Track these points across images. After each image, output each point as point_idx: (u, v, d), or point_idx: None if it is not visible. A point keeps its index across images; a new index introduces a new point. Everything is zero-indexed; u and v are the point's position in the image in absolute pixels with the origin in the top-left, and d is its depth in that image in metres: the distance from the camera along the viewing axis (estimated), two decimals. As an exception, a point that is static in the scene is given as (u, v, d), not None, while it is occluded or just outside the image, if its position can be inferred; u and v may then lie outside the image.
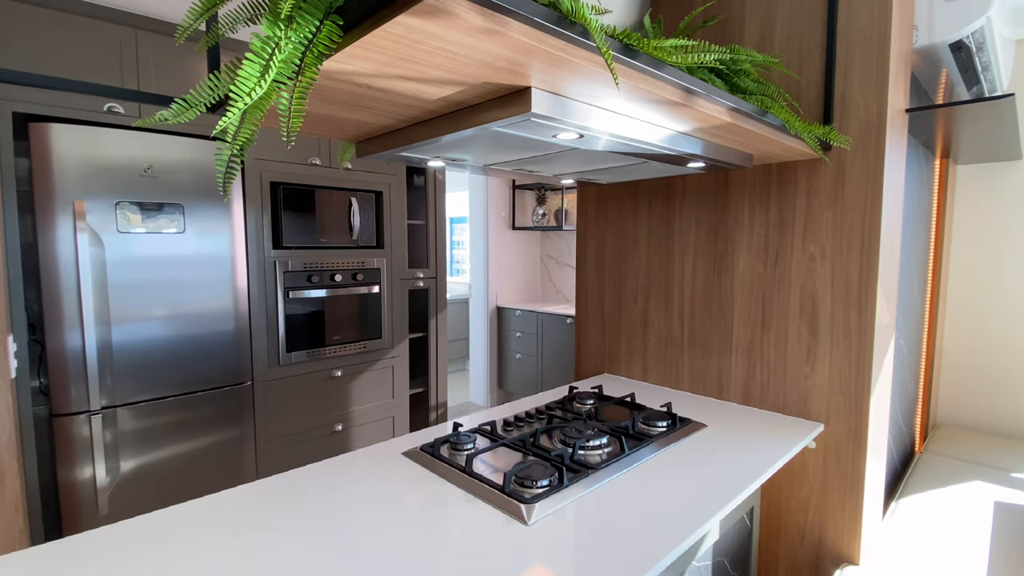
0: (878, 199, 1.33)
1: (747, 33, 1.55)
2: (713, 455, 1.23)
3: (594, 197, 2.02)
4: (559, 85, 0.80)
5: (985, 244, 2.41)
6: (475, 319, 4.08)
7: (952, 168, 2.45)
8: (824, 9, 1.40)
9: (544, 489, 1.02)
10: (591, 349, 2.05)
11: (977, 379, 2.46)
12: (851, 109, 1.37)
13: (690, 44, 0.83)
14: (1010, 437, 2.35)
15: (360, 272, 2.61)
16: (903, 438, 2.06)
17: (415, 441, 1.30)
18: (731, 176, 1.62)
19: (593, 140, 1.00)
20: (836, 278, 1.41)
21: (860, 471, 1.38)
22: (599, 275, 2.01)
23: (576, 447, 1.16)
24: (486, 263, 3.95)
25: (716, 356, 1.68)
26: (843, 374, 1.41)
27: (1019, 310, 2.34)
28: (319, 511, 0.98)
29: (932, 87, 1.91)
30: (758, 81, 1.20)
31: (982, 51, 1.64)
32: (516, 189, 4.17)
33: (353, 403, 2.66)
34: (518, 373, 3.91)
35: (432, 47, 0.64)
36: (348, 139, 1.18)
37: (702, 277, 1.71)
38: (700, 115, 0.98)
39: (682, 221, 1.76)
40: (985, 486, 1.84)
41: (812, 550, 1.48)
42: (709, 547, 1.23)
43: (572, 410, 1.50)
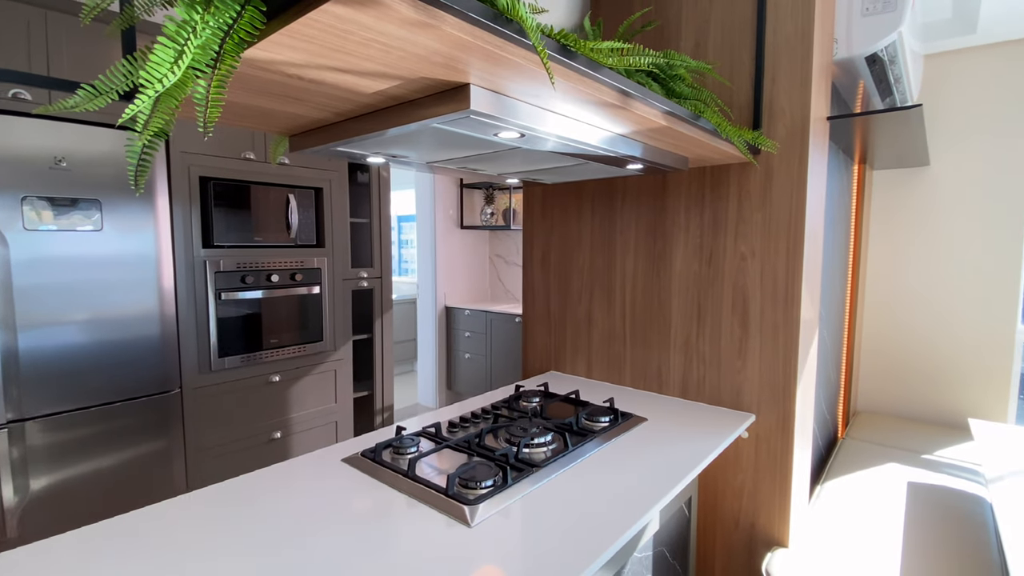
0: (802, 201, 1.41)
1: (683, 40, 1.61)
2: (653, 448, 1.27)
3: (539, 197, 2.03)
4: (499, 83, 0.80)
5: (898, 243, 2.62)
6: (423, 319, 4.02)
7: (869, 173, 2.64)
8: (753, 20, 1.47)
9: (488, 489, 1.01)
10: (538, 348, 2.07)
11: (892, 369, 2.66)
12: (778, 115, 1.44)
13: (626, 47, 0.84)
14: (922, 422, 2.56)
15: (299, 272, 2.51)
16: (827, 425, 2.20)
17: (356, 447, 1.26)
18: (668, 178, 1.68)
19: (535, 140, 1.00)
20: (765, 276, 1.49)
21: (788, 458, 1.46)
22: (545, 274, 2.03)
23: (521, 446, 1.17)
24: (434, 262, 3.90)
25: (656, 352, 1.73)
26: (772, 367, 1.48)
27: (928, 304, 2.56)
28: (251, 524, 0.93)
29: (851, 97, 2.05)
30: (693, 86, 1.25)
31: (895, 64, 1.77)
32: (464, 188, 4.14)
33: (293, 409, 2.56)
34: (468, 373, 3.89)
35: (364, 38, 0.62)
36: (280, 132, 1.13)
37: (642, 276, 1.76)
38: (637, 117, 1.00)
39: (623, 221, 1.80)
40: (900, 468, 2.00)
41: (746, 535, 1.55)
42: (650, 538, 1.26)
43: (518, 409, 1.50)
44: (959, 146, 2.43)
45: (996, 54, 2.33)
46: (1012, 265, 2.36)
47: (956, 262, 2.48)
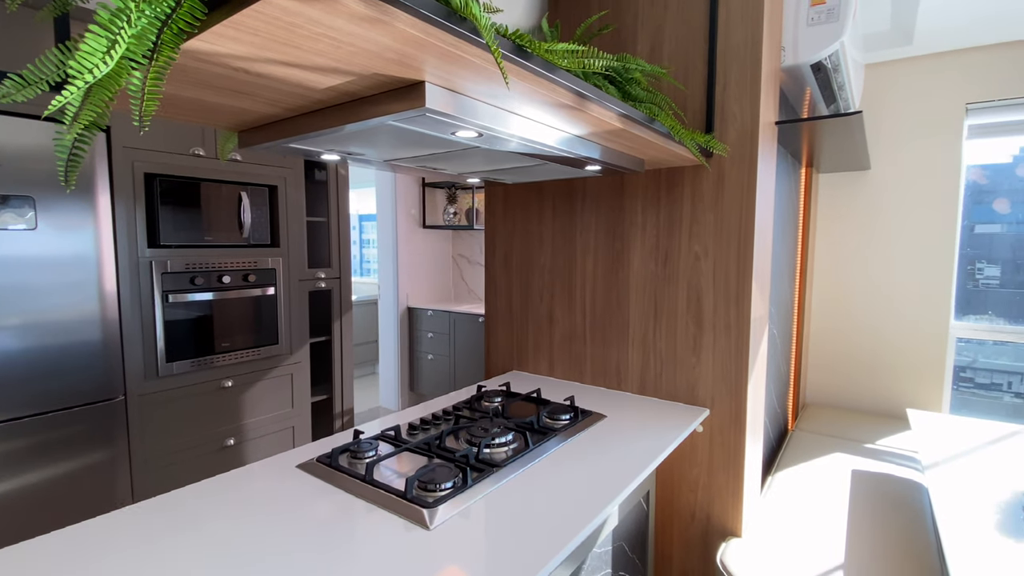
0: (751, 203, 1.46)
1: (639, 44, 1.64)
2: (612, 444, 1.29)
3: (501, 197, 2.04)
4: (455, 82, 0.79)
5: (842, 243, 2.75)
6: (384, 321, 3.96)
7: (815, 176, 2.76)
8: (706, 27, 1.51)
9: (448, 491, 1.01)
10: (500, 347, 2.07)
11: (838, 363, 2.80)
12: (729, 120, 1.49)
13: (581, 49, 0.85)
14: (865, 413, 2.70)
15: (252, 273, 2.42)
16: (778, 418, 2.29)
17: (312, 452, 1.23)
18: (626, 180, 1.71)
19: (493, 139, 1.00)
20: (717, 275, 1.53)
21: (741, 451, 1.51)
22: (507, 274, 2.03)
23: (481, 446, 1.16)
24: (395, 263, 3.84)
25: (615, 349, 1.76)
26: (724, 362, 1.53)
27: (869, 302, 2.70)
28: (199, 536, 0.89)
29: (798, 103, 2.14)
30: (648, 90, 1.27)
31: (838, 72, 1.86)
32: (426, 187, 4.10)
33: (247, 415, 2.47)
34: (431, 374, 3.85)
35: (312, 32, 0.60)
36: (229, 128, 1.09)
37: (602, 275, 1.78)
38: (593, 119, 1.01)
39: (583, 222, 1.82)
40: (845, 457, 2.10)
41: (701, 527, 1.60)
42: (609, 533, 1.28)
43: (480, 409, 1.50)
44: (897, 151, 2.58)
45: (930, 64, 2.48)
46: (945, 264, 2.52)
47: (895, 261, 2.62)
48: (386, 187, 3.86)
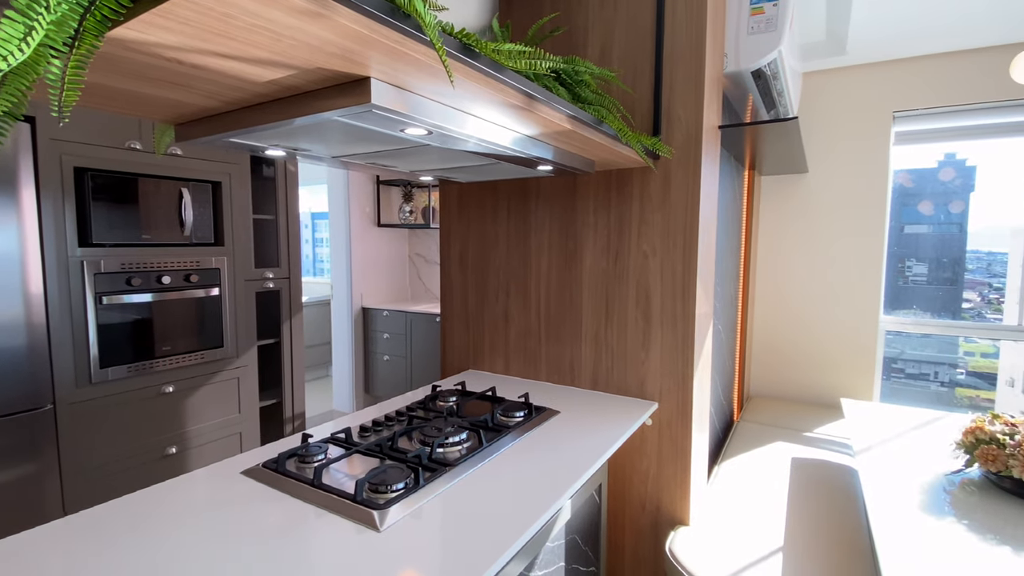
0: (696, 203, 1.52)
1: (590, 47, 1.67)
2: (564, 439, 1.31)
3: (456, 196, 2.03)
4: (403, 79, 0.79)
5: (783, 243, 2.89)
6: (338, 322, 3.87)
7: (758, 179, 2.89)
8: (653, 31, 1.56)
9: (399, 492, 1.00)
10: (456, 346, 2.06)
11: (780, 356, 2.94)
12: (675, 123, 1.54)
13: (529, 50, 0.86)
14: (805, 403, 2.85)
15: (195, 273, 2.32)
16: (724, 410, 2.38)
17: (258, 458, 1.19)
18: (578, 180, 1.74)
19: (444, 138, 0.99)
20: (664, 273, 1.58)
21: (687, 442, 1.57)
22: (463, 273, 2.03)
23: (435, 446, 1.16)
24: (349, 262, 3.76)
25: (569, 346, 1.79)
26: (672, 357, 1.59)
27: (807, 298, 2.85)
28: (134, 549, 0.85)
29: (741, 108, 2.23)
30: (597, 92, 1.30)
31: (777, 79, 1.95)
32: (381, 185, 4.03)
33: (190, 421, 2.36)
34: (386, 376, 3.79)
35: (248, 24, 0.58)
36: (165, 120, 1.04)
37: (556, 273, 1.81)
38: (543, 120, 1.03)
39: (537, 221, 1.84)
40: (785, 445, 2.21)
41: (652, 517, 1.65)
42: (562, 527, 1.30)
43: (434, 409, 1.49)
44: (831, 155, 2.73)
45: (861, 74, 2.64)
46: (875, 262, 2.69)
47: (830, 259, 2.78)
48: (338, 184, 3.77)
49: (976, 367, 13.16)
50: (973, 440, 1.46)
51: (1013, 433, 1.43)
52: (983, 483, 1.45)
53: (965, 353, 12.97)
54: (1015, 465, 1.33)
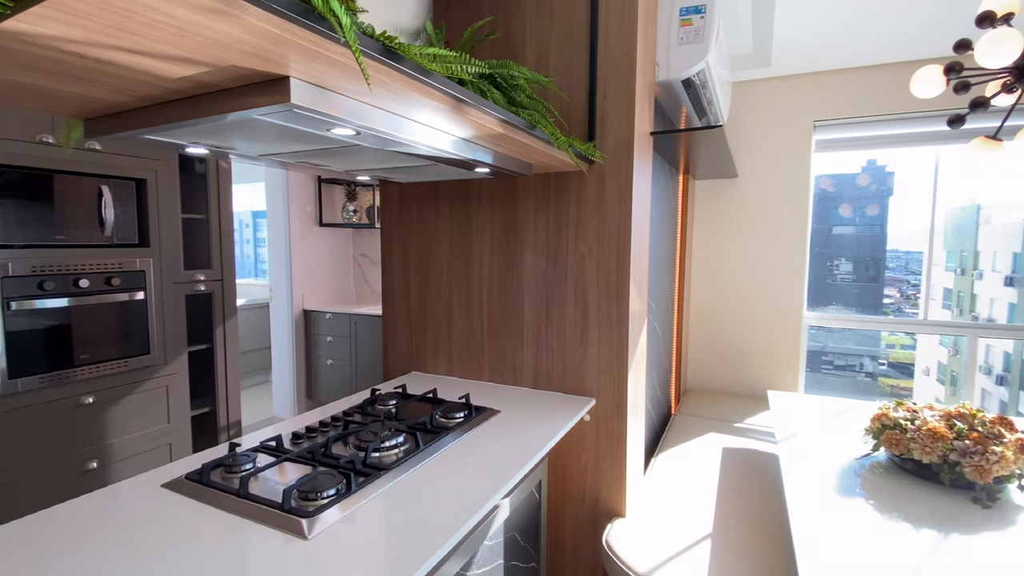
0: (628, 206, 1.57)
1: (528, 51, 1.70)
2: (503, 438, 1.33)
3: (397, 196, 2.01)
4: (325, 80, 0.78)
5: (716, 244, 3.03)
6: (277, 325, 3.73)
7: (692, 183, 3.02)
8: (587, 39, 1.60)
9: (330, 499, 0.98)
10: (398, 349, 2.04)
11: (713, 351, 3.08)
12: (609, 129, 1.59)
13: (453, 55, 0.87)
14: (737, 395, 3.00)
15: (116, 276, 2.18)
16: (661, 404, 2.48)
17: (182, 469, 1.14)
18: (518, 182, 1.76)
19: (374, 139, 0.99)
20: (600, 273, 1.63)
21: (623, 436, 1.62)
22: (405, 274, 2.01)
23: (369, 450, 1.15)
24: (288, 263, 3.64)
25: (511, 346, 1.81)
26: (608, 354, 1.64)
27: (738, 295, 3.00)
28: (44, 572, 0.79)
29: (675, 115, 2.33)
30: (531, 97, 1.32)
31: (706, 88, 2.05)
32: (323, 183, 3.92)
33: (114, 433, 2.22)
34: (330, 381, 3.70)
35: (152, 20, 0.56)
36: (73, 115, 0.98)
37: (498, 274, 1.82)
38: (475, 123, 1.04)
39: (479, 222, 1.85)
40: (717, 436, 2.32)
41: (590, 510, 1.69)
42: (500, 524, 1.32)
43: (373, 413, 1.47)
44: (759, 160, 2.89)
45: (785, 84, 2.81)
46: (798, 261, 2.87)
47: (758, 259, 2.94)
48: (277, 182, 3.64)
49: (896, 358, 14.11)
50: (879, 426, 1.58)
51: (913, 418, 1.56)
52: (889, 465, 1.58)
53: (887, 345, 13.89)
54: (915, 448, 1.46)
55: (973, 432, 1.43)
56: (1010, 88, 1.52)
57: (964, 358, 2.83)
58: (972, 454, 1.36)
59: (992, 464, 1.34)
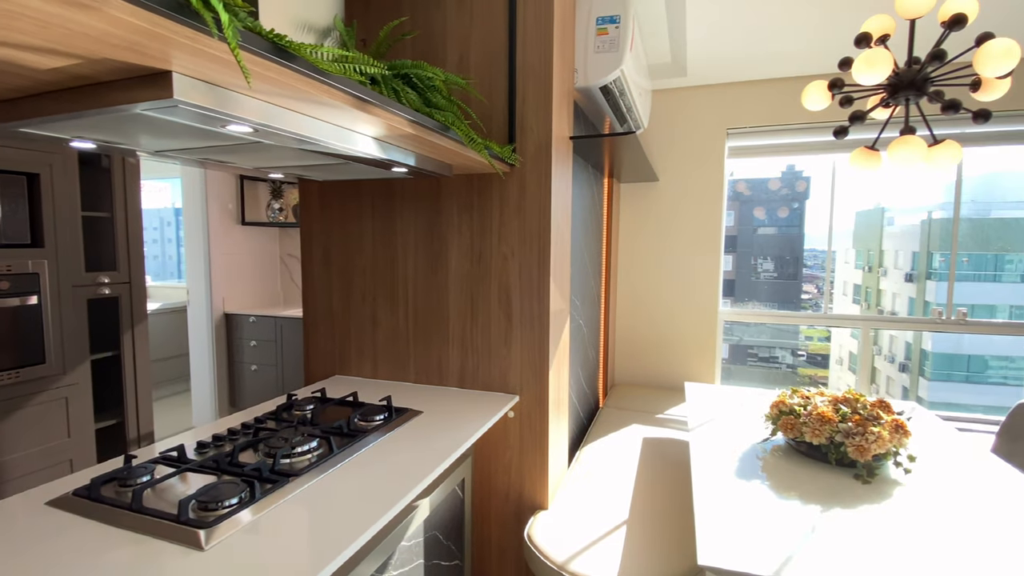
0: (547, 208, 1.62)
1: (449, 53, 1.70)
2: (423, 438, 1.33)
3: (317, 194, 1.96)
4: (215, 76, 0.75)
5: (640, 244, 3.17)
6: (195, 329, 3.52)
7: (617, 186, 3.13)
8: (506, 44, 1.63)
9: (231, 508, 0.95)
10: (321, 352, 1.99)
11: (638, 346, 3.21)
12: (528, 132, 1.63)
13: (350, 54, 0.87)
14: (660, 387, 3.14)
15: (4, 279, 1.99)
16: (587, 398, 2.56)
17: (71, 484, 1.06)
18: (442, 183, 1.77)
19: (277, 136, 0.96)
20: (522, 273, 1.67)
21: (545, 430, 1.67)
22: (327, 275, 1.96)
23: (278, 457, 1.12)
24: (207, 264, 3.45)
25: (436, 347, 1.81)
26: (530, 352, 1.68)
27: (660, 293, 3.14)
28: None
29: (599, 121, 2.41)
30: (448, 98, 1.34)
31: (624, 96, 2.13)
32: (246, 180, 3.75)
33: (4, 450, 2.03)
34: (254, 387, 3.54)
35: (6, 10, 0.53)
36: (-70, 104, 0.89)
37: (423, 275, 1.82)
38: (384, 123, 1.04)
39: (403, 221, 1.84)
40: (639, 427, 2.43)
41: (515, 505, 1.73)
42: (420, 524, 1.32)
43: (287, 419, 1.43)
44: (677, 165, 3.05)
45: (700, 94, 2.97)
46: (714, 260, 3.05)
47: (678, 258, 3.10)
48: (194, 178, 3.44)
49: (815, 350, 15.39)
50: (777, 412, 1.72)
51: (806, 404, 1.70)
52: (787, 448, 1.72)
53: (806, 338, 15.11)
54: (807, 431, 1.59)
55: (855, 415, 1.58)
56: (886, 103, 1.69)
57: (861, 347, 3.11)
58: (854, 435, 1.51)
59: (871, 443, 1.48)
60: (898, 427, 1.53)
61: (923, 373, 13.32)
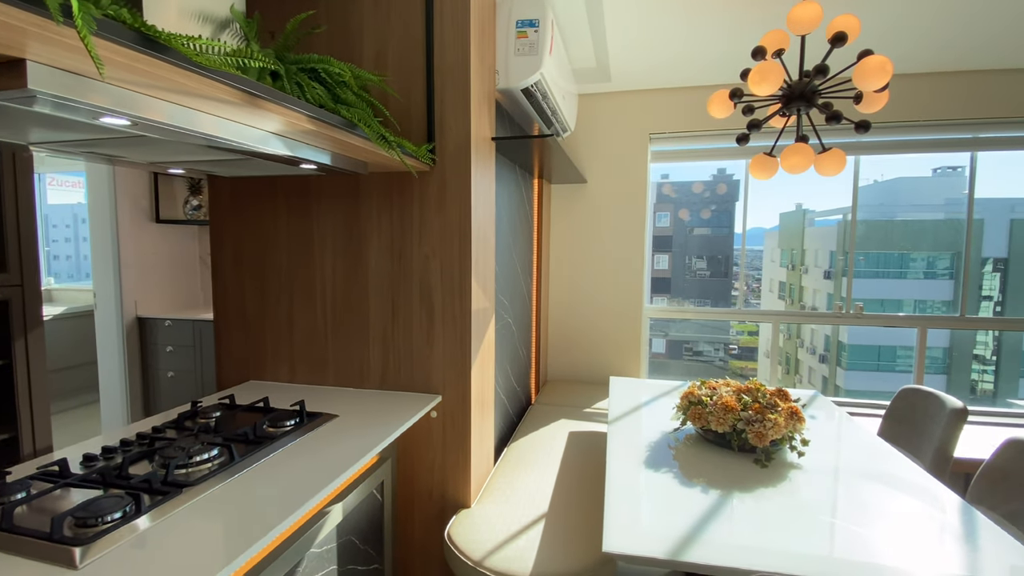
0: (468, 207, 1.63)
1: (366, 50, 1.68)
2: (335, 443, 1.30)
3: (229, 190, 1.87)
4: (76, 65, 0.71)
5: (571, 244, 3.24)
6: (104, 335, 3.28)
7: (548, 187, 3.19)
8: (423, 43, 1.63)
9: (114, 523, 0.90)
10: (234, 356, 1.91)
11: (570, 343, 3.29)
12: (448, 132, 1.63)
13: (235, 48, 0.84)
14: (590, 383, 3.23)
15: None
16: (518, 396, 2.59)
17: (-73, 507, 0.96)
18: (361, 180, 1.74)
19: (160, 130, 0.92)
20: (444, 272, 1.67)
21: (467, 429, 1.68)
22: (239, 275, 1.88)
23: (171, 467, 1.06)
24: (116, 264, 3.21)
25: (357, 348, 1.78)
26: (453, 351, 1.68)
27: (590, 292, 3.23)
28: None
29: (527, 124, 2.44)
30: (358, 94, 1.32)
31: (547, 99, 2.18)
32: (160, 175, 3.52)
33: None
34: (172, 395, 3.33)
35: None
36: None
37: (342, 274, 1.78)
38: (280, 119, 1.01)
39: (320, 220, 1.79)
40: (567, 422, 2.49)
41: (438, 504, 1.73)
42: (332, 530, 1.30)
43: (189, 427, 1.36)
44: (604, 168, 3.14)
45: (625, 99, 3.08)
46: (638, 258, 3.16)
47: (606, 258, 3.20)
48: (100, 173, 3.20)
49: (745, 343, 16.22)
50: (687, 403, 1.81)
51: (713, 395, 1.81)
52: (696, 437, 1.81)
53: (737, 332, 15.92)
54: (712, 420, 1.68)
55: (756, 404, 1.69)
56: (783, 113, 1.81)
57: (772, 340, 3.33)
58: (753, 422, 1.61)
59: (768, 430, 1.59)
60: (793, 414, 1.65)
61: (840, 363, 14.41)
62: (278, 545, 1.10)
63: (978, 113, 2.70)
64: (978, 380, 12.80)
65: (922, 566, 1.07)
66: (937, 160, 14.60)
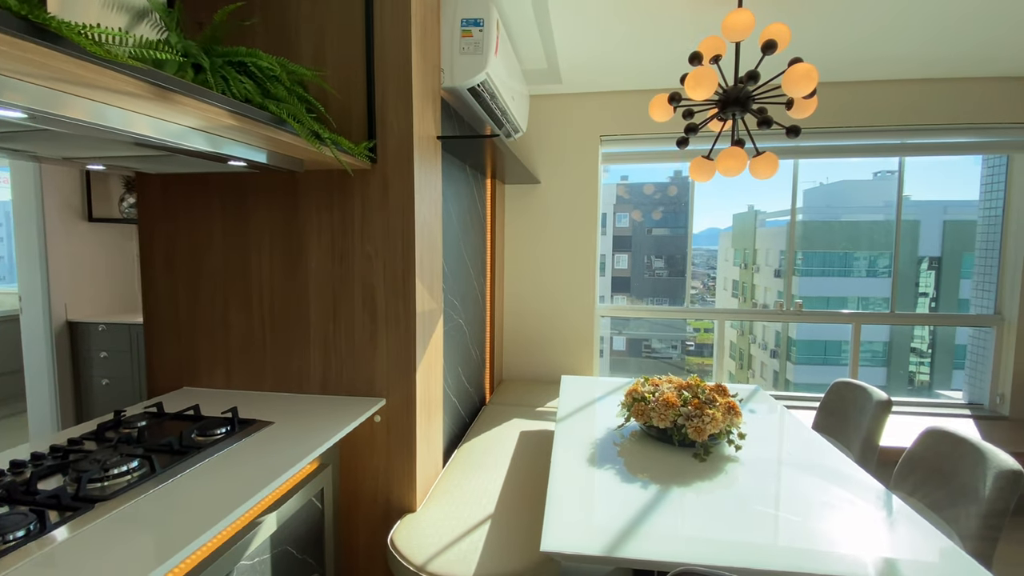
0: (411, 207, 1.61)
1: (303, 45, 1.63)
2: (268, 451, 1.26)
3: (159, 188, 1.79)
4: (-41, 52, 0.66)
5: (524, 244, 3.25)
6: (31, 341, 3.07)
7: (501, 187, 3.19)
8: (363, 40, 1.59)
9: (15, 542, 0.84)
10: (165, 362, 1.82)
11: (524, 343, 3.30)
12: (389, 130, 1.61)
13: (142, 39, 0.80)
14: (543, 382, 3.25)
15: None
16: (470, 397, 2.58)
17: None
18: (299, 178, 1.69)
19: (63, 124, 0.86)
20: (387, 273, 1.64)
21: (412, 432, 1.65)
22: (170, 277, 1.80)
23: (83, 481, 1.00)
24: (44, 265, 3.01)
25: (297, 352, 1.73)
26: (397, 353, 1.66)
27: (543, 291, 3.25)
28: None
29: (477, 124, 2.43)
30: (290, 89, 1.28)
31: (495, 99, 2.17)
32: (93, 171, 3.32)
33: None
34: (107, 403, 3.15)
35: None
36: None
37: (280, 276, 1.73)
38: (197, 113, 0.97)
39: (257, 219, 1.73)
40: (519, 421, 2.49)
41: (383, 510, 1.70)
42: (266, 540, 1.25)
43: (110, 438, 1.29)
44: (556, 169, 3.17)
45: (576, 101, 3.11)
46: (590, 259, 3.21)
47: (559, 258, 3.22)
48: (24, 169, 3.00)
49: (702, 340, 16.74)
50: (631, 400, 1.84)
51: (655, 392, 1.84)
52: (640, 433, 1.84)
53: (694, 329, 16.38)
54: (654, 416, 1.72)
55: (695, 399, 1.74)
56: (720, 117, 1.87)
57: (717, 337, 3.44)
58: (692, 418, 1.66)
59: (706, 424, 1.64)
60: (730, 409, 1.71)
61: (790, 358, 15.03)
62: (203, 559, 1.06)
63: (905, 120, 2.87)
64: (916, 372, 13.63)
65: (845, 551, 1.13)
66: (876, 164, 15.47)
